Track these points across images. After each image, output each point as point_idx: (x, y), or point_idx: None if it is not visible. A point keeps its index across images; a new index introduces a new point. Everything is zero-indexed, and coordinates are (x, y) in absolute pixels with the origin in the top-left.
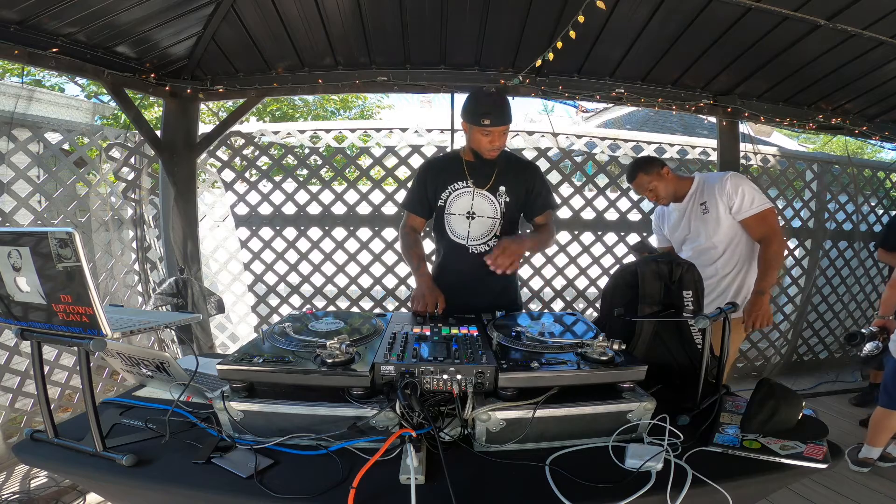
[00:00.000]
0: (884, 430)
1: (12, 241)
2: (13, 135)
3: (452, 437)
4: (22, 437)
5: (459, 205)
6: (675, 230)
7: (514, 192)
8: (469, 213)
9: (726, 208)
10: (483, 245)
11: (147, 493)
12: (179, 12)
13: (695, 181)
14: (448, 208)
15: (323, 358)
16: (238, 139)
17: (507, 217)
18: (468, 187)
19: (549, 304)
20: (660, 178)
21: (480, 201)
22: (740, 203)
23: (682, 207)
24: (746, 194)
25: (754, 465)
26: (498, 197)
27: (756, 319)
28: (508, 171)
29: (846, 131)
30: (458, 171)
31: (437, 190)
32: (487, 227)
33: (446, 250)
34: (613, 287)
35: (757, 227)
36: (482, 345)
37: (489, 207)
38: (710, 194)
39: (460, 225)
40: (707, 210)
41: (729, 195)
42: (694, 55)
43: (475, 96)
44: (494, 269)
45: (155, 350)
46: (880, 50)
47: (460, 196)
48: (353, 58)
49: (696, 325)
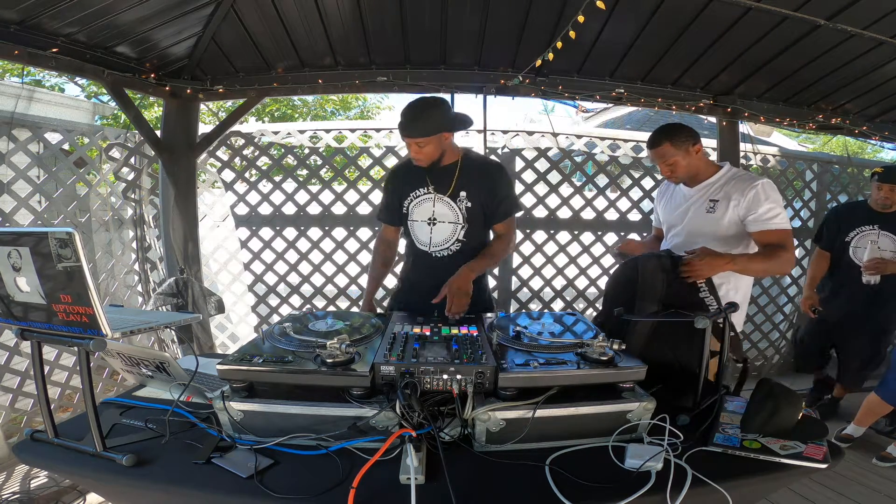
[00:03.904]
0: (874, 415)
1: (12, 241)
2: (13, 135)
3: (452, 437)
4: (22, 437)
5: (421, 211)
6: (672, 214)
7: (475, 196)
8: (430, 219)
9: (739, 215)
10: (446, 251)
11: (147, 493)
12: (179, 12)
13: (720, 172)
14: (411, 215)
15: (323, 358)
16: (238, 139)
17: (470, 222)
18: (429, 193)
19: (549, 304)
20: (686, 154)
21: (441, 207)
22: (760, 215)
23: (690, 195)
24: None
25: (754, 465)
26: (459, 202)
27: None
28: (470, 176)
29: (846, 131)
30: (419, 177)
31: (401, 197)
32: (449, 233)
33: (412, 257)
34: (614, 285)
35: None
36: (482, 345)
37: (450, 213)
38: (728, 195)
39: (423, 231)
40: (713, 210)
41: (752, 201)
42: (694, 55)
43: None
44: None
45: (155, 350)
46: (880, 50)
47: (422, 202)
48: (353, 58)
49: (696, 325)
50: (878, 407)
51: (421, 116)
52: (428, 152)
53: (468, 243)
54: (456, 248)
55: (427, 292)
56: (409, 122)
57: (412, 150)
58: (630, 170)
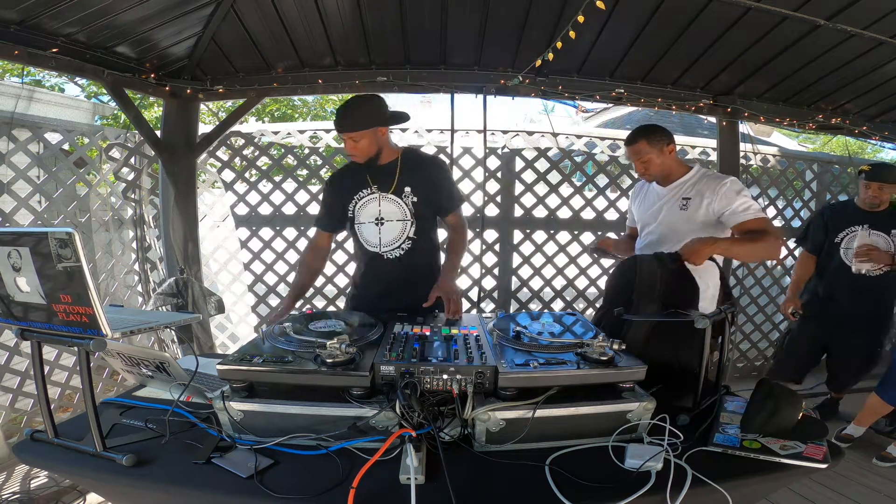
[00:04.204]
0: (874, 415)
1: (12, 241)
2: (13, 135)
3: (452, 437)
4: (22, 437)
5: (367, 212)
6: (646, 213)
7: (419, 191)
8: (378, 219)
9: (714, 212)
10: (397, 250)
11: (147, 493)
12: (179, 12)
13: (690, 173)
14: (357, 218)
15: (323, 358)
16: (238, 139)
17: (418, 217)
18: (373, 193)
19: (549, 304)
20: (660, 153)
21: (387, 205)
22: (735, 209)
23: (663, 193)
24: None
25: (754, 465)
26: (404, 198)
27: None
28: (412, 171)
29: (846, 131)
30: (361, 178)
31: (345, 201)
32: (398, 231)
33: (363, 261)
34: (613, 284)
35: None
36: (482, 345)
37: (397, 210)
38: (699, 192)
39: (371, 232)
40: (686, 207)
41: (724, 198)
42: (694, 55)
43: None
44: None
45: (155, 350)
46: (880, 50)
47: (367, 203)
48: (353, 58)
49: (696, 325)
50: (878, 407)
51: (354, 111)
52: (363, 147)
53: (418, 241)
54: (407, 245)
55: (382, 293)
56: (342, 118)
57: (347, 145)
58: (630, 170)
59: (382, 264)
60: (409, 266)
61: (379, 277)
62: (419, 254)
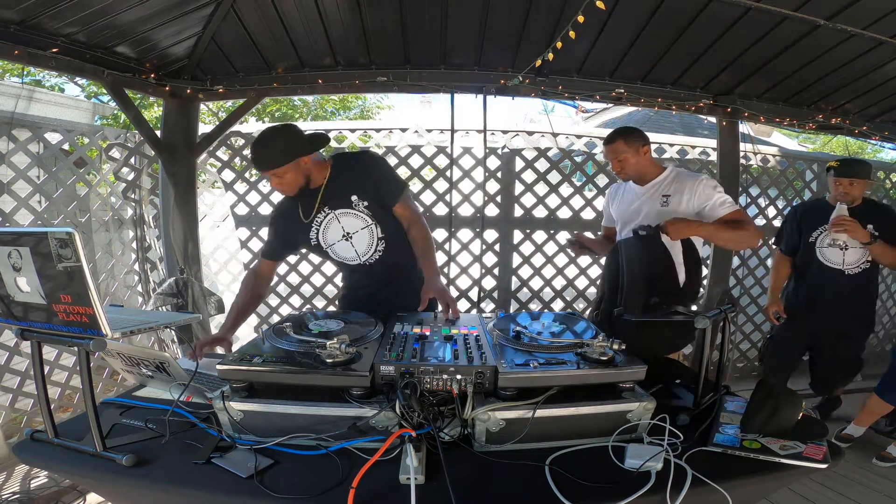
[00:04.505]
0: (874, 415)
1: (12, 241)
2: (13, 135)
3: (452, 437)
4: (22, 437)
5: (332, 233)
6: (626, 211)
7: (365, 194)
8: (345, 235)
9: (693, 207)
10: (375, 254)
11: (147, 493)
12: (179, 12)
13: (665, 172)
14: (325, 242)
15: (323, 358)
16: (238, 139)
17: (379, 218)
18: (327, 214)
19: (549, 304)
20: (636, 153)
21: (346, 220)
22: (714, 203)
23: (641, 192)
24: (721, 197)
25: (754, 465)
26: (356, 207)
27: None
28: (348, 176)
29: (846, 131)
30: (308, 206)
31: (297, 231)
32: (368, 237)
33: (348, 271)
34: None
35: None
36: (482, 345)
37: (357, 220)
38: (678, 190)
39: (345, 248)
40: (667, 204)
41: (702, 195)
42: (694, 55)
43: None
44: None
45: (155, 350)
46: (880, 50)
47: (327, 226)
48: (353, 58)
49: (696, 325)
50: (878, 407)
51: (269, 148)
52: (290, 181)
53: (390, 238)
54: (382, 246)
55: (373, 291)
56: (259, 156)
57: (273, 182)
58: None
59: (367, 270)
60: (392, 264)
61: (366, 285)
62: (397, 250)
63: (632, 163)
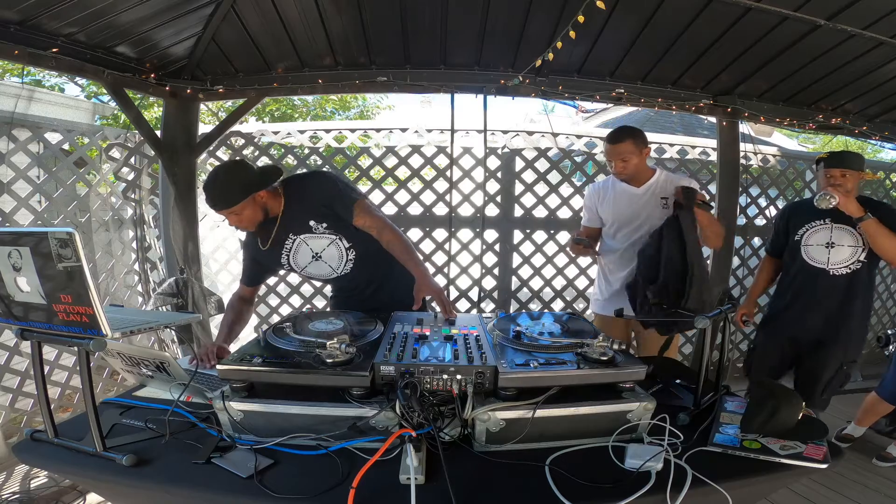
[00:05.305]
0: (874, 415)
1: (12, 241)
2: (13, 135)
3: (452, 437)
4: (22, 437)
5: (303, 257)
6: (623, 210)
7: (320, 217)
8: (314, 256)
9: None
10: (348, 265)
11: (147, 493)
12: (179, 12)
13: (656, 174)
14: (298, 266)
15: (323, 358)
16: (238, 139)
17: (343, 234)
18: (293, 239)
19: (549, 304)
20: (640, 155)
21: (312, 241)
22: None
23: (639, 195)
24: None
25: (754, 465)
26: (316, 228)
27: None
28: (301, 203)
29: (846, 131)
30: (269, 231)
31: (276, 259)
32: (337, 253)
33: (331, 282)
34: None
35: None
36: (482, 345)
37: (321, 240)
38: (672, 192)
39: (319, 267)
40: (667, 206)
41: None
42: (694, 55)
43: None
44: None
45: (155, 350)
46: (880, 50)
47: (296, 251)
48: (353, 58)
49: (696, 325)
50: (878, 407)
51: (222, 187)
52: (248, 217)
53: (357, 247)
54: (352, 255)
55: (358, 290)
56: (213, 197)
57: (231, 221)
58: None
59: (346, 280)
60: (368, 274)
61: (350, 294)
62: (373, 256)
63: (634, 163)
